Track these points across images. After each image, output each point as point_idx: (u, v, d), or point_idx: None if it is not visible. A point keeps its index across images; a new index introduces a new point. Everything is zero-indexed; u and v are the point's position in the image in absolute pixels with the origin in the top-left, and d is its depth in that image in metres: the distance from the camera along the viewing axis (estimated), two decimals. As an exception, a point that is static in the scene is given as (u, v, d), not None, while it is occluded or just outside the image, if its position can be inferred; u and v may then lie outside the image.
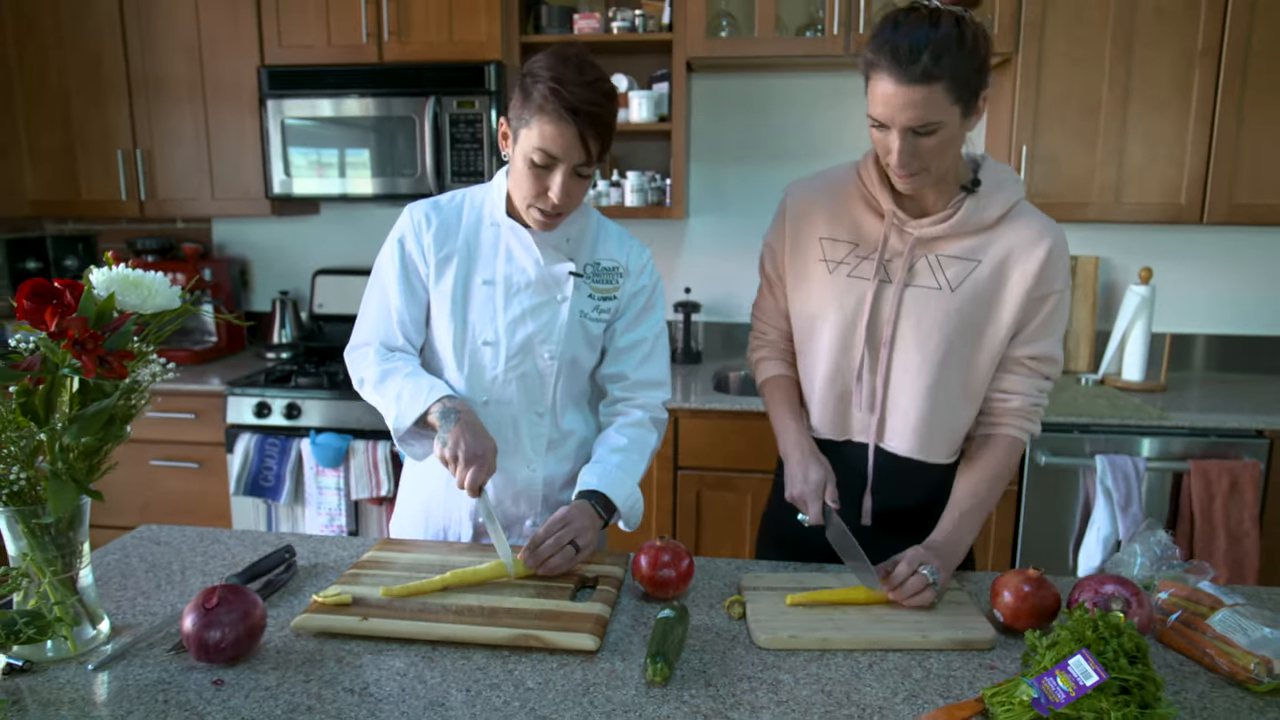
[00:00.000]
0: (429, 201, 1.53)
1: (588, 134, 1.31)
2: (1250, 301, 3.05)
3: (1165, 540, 1.37)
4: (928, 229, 1.37)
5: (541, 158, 1.34)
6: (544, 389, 1.53)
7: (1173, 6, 2.58)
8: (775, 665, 1.13)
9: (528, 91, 1.33)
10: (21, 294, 0.97)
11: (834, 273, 1.44)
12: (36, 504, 1.07)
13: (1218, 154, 2.63)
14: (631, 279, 1.56)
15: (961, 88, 1.22)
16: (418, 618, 1.19)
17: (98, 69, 3.02)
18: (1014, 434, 1.43)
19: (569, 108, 1.29)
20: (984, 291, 1.37)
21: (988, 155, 1.41)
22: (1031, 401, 1.43)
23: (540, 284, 1.49)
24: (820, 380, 1.48)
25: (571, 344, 1.52)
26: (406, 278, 1.50)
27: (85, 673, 1.09)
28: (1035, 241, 1.35)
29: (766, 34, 2.73)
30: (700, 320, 3.26)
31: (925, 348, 1.39)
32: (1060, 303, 1.38)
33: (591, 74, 1.33)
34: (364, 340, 1.53)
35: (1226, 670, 1.10)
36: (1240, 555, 2.41)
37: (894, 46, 1.20)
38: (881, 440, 1.47)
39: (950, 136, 1.25)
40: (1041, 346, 1.40)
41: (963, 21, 1.22)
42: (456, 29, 2.80)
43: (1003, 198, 1.36)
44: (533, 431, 1.55)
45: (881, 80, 1.22)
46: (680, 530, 2.70)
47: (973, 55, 1.21)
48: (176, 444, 2.87)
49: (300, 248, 3.44)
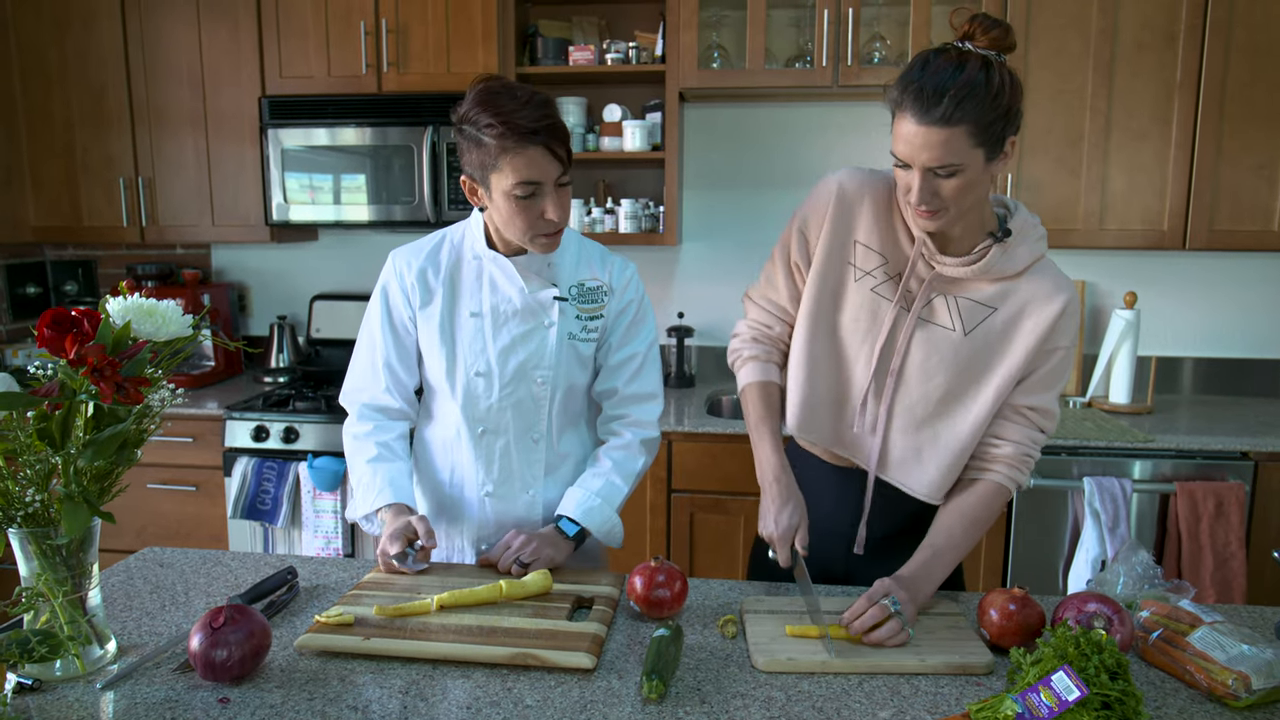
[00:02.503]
0: (410, 246, 1.58)
1: (553, 145, 1.36)
2: (1234, 325, 3.11)
3: (1147, 560, 1.40)
4: (952, 269, 1.35)
5: (525, 190, 1.37)
6: (539, 414, 1.57)
7: (1152, 40, 2.66)
8: (768, 683, 1.16)
9: (479, 141, 1.36)
10: (43, 322, 1.01)
11: (859, 281, 1.41)
12: (50, 525, 1.10)
13: (1198, 182, 2.70)
14: (616, 296, 1.58)
15: (984, 132, 1.21)
16: (418, 637, 1.22)
17: (101, 99, 3.07)
18: (1001, 481, 1.40)
19: (528, 131, 1.33)
20: (995, 340, 1.37)
21: (1020, 205, 1.39)
22: (1023, 451, 1.40)
23: (527, 311, 1.53)
24: (819, 381, 1.44)
25: (563, 367, 1.55)
26: (392, 324, 1.56)
27: (93, 691, 1.12)
28: (1053, 295, 1.35)
29: (757, 65, 2.80)
30: (693, 344, 3.31)
31: (926, 385, 1.39)
32: (1065, 359, 1.38)
33: (524, 94, 1.36)
34: (353, 388, 1.61)
35: (1206, 686, 1.13)
36: (1227, 576, 2.44)
37: (920, 87, 1.20)
38: (884, 471, 1.45)
39: (972, 180, 1.24)
40: (1041, 399, 1.39)
41: (991, 66, 1.20)
42: (454, 60, 2.86)
43: (1028, 250, 1.35)
44: (530, 458, 1.58)
45: (905, 120, 1.22)
46: (674, 552, 2.73)
47: (997, 100, 1.20)
48: (174, 467, 2.89)
49: (298, 273, 3.49)
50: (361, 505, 1.53)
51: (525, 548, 1.46)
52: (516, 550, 1.45)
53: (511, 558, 1.44)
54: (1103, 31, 2.67)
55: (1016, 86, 1.23)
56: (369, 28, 2.87)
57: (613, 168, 3.22)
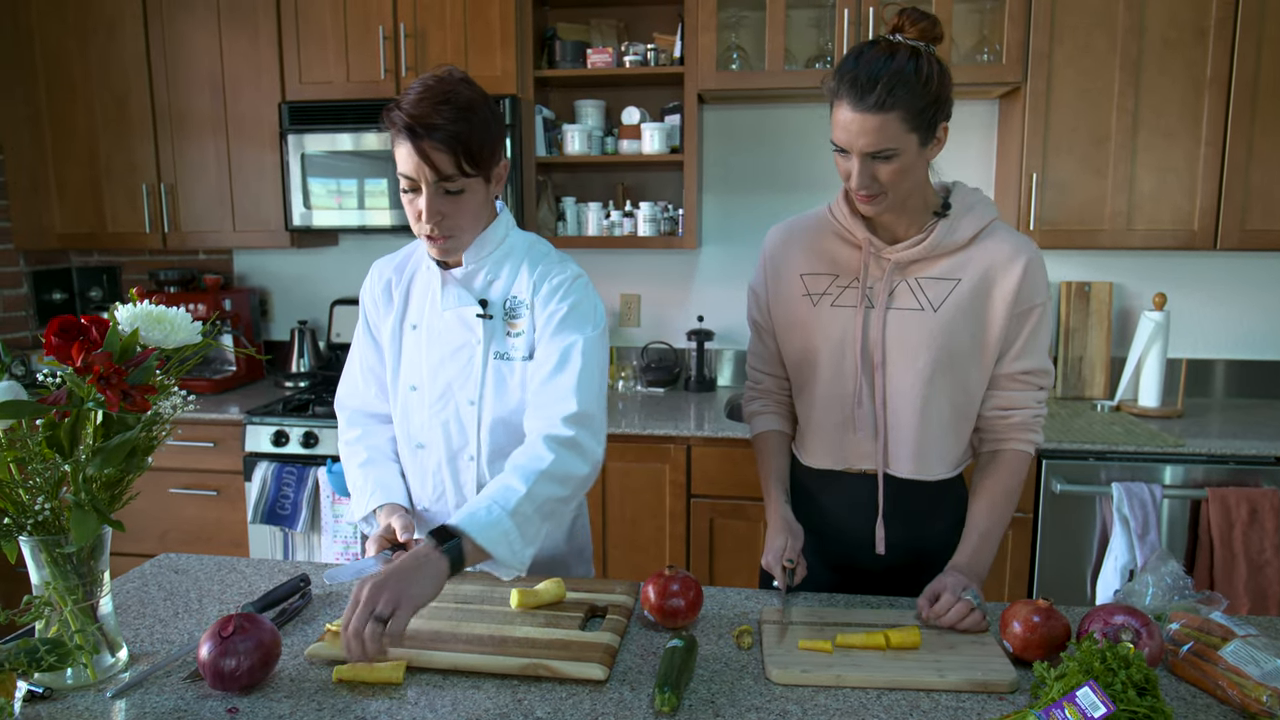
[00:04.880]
0: (388, 256, 1.59)
1: (431, 149, 1.28)
2: (1267, 327, 3.03)
3: (1177, 570, 1.36)
4: (903, 253, 1.42)
5: (405, 182, 1.34)
6: (466, 436, 1.48)
7: (1180, 37, 2.60)
8: (783, 696, 1.13)
9: (392, 121, 1.32)
10: (50, 330, 1.01)
11: (818, 305, 1.48)
12: (60, 533, 1.10)
13: (1229, 181, 2.63)
14: (540, 303, 1.44)
15: (916, 118, 1.29)
16: (429, 646, 1.21)
17: (124, 107, 3.10)
18: (1020, 448, 1.47)
19: (409, 128, 1.28)
20: (967, 309, 1.41)
21: (959, 182, 1.47)
22: (1033, 414, 1.47)
23: (457, 326, 1.47)
24: (818, 411, 1.51)
25: (490, 389, 1.45)
26: (369, 330, 1.58)
27: (103, 700, 1.11)
28: (1012, 258, 1.40)
29: (776, 66, 2.77)
30: (713, 348, 3.28)
31: (914, 367, 1.42)
32: (1044, 316, 1.43)
33: (443, 93, 1.29)
34: (344, 395, 1.63)
35: (1238, 702, 1.09)
36: (1262, 584, 2.38)
37: (854, 77, 1.28)
38: (888, 466, 1.48)
39: (909, 164, 1.32)
40: (1032, 360, 1.44)
41: (919, 55, 1.29)
42: (473, 64, 2.85)
43: (973, 218, 1.42)
44: (461, 478, 1.51)
45: (842, 108, 1.30)
46: (693, 558, 2.71)
47: (926, 87, 1.28)
48: (195, 472, 2.91)
49: (319, 278, 3.50)
50: (357, 510, 1.53)
51: (374, 601, 1.08)
52: (362, 611, 1.08)
53: (358, 626, 1.08)
54: (1129, 29, 2.61)
55: (945, 75, 1.32)
56: (387, 33, 2.88)
57: (631, 170, 3.20)
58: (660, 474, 2.68)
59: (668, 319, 3.32)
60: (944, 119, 1.34)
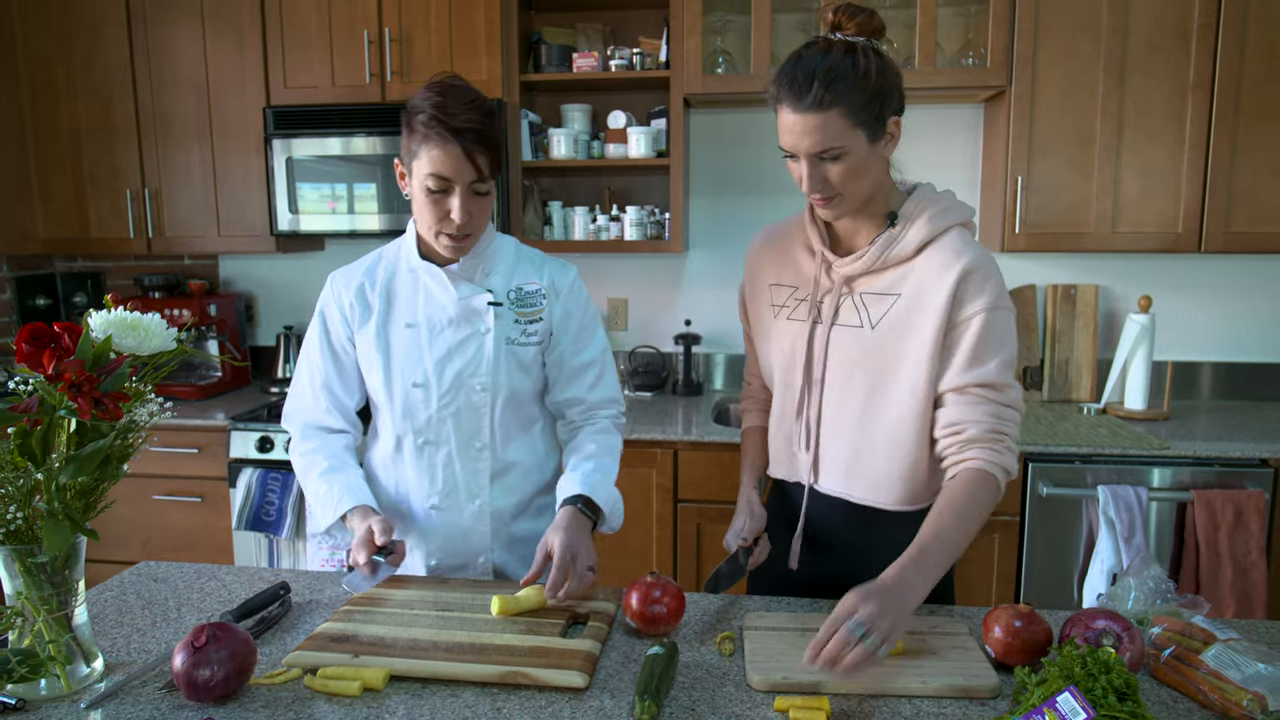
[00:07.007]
0: (347, 268, 1.60)
1: (474, 151, 1.36)
2: (1252, 328, 3.05)
3: (1160, 575, 1.36)
4: (848, 267, 1.38)
5: (436, 183, 1.38)
6: (480, 422, 1.55)
7: (1164, 40, 2.61)
8: (764, 703, 1.13)
9: (413, 126, 1.39)
10: (21, 337, 0.99)
11: (778, 317, 1.48)
12: (33, 543, 1.08)
13: (1213, 183, 2.64)
14: (560, 298, 1.58)
15: (860, 113, 1.24)
16: (407, 655, 1.20)
17: (108, 112, 3.08)
18: (979, 465, 1.29)
19: (453, 130, 1.35)
20: (900, 326, 1.34)
21: (923, 186, 1.39)
22: (988, 429, 1.29)
23: (461, 318, 1.52)
24: (774, 422, 1.52)
25: (503, 374, 1.54)
26: (330, 344, 1.58)
27: (77, 711, 1.10)
28: (949, 265, 1.30)
29: (762, 70, 2.77)
30: (700, 352, 3.28)
31: (849, 386, 1.39)
32: (990, 324, 1.29)
33: (469, 95, 1.39)
34: (294, 410, 1.61)
35: (1220, 707, 1.09)
36: (1247, 587, 2.39)
37: (792, 78, 1.26)
38: (816, 481, 1.46)
39: (859, 162, 1.27)
40: (982, 373, 1.30)
41: (856, 50, 1.25)
42: (458, 68, 2.84)
43: (921, 227, 1.33)
44: (473, 467, 1.56)
45: (784, 110, 1.27)
46: (680, 563, 2.70)
47: (865, 81, 1.24)
48: (179, 479, 2.89)
49: (305, 283, 3.48)
50: (324, 517, 1.51)
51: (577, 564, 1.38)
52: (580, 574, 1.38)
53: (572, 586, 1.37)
54: (1114, 32, 2.62)
55: (889, 68, 1.27)
56: (372, 37, 2.87)
57: (618, 175, 3.20)
58: (647, 478, 2.67)
59: (655, 323, 3.32)
60: (893, 113, 1.28)
